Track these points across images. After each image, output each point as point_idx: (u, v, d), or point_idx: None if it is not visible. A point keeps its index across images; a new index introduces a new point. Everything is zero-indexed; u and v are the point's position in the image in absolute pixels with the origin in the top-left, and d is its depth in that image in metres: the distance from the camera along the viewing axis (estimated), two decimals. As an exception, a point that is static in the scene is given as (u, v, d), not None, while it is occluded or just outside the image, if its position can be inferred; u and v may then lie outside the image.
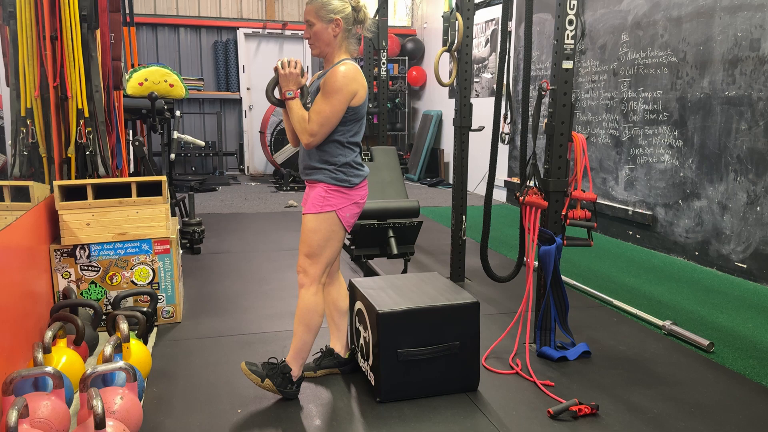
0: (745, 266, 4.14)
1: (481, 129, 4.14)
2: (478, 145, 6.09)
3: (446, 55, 5.86)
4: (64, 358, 2.30)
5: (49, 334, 2.22)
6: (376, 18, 4.85)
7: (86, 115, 3.23)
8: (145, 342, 2.72)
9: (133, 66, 5.14)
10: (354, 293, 2.64)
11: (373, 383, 2.43)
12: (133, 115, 4.68)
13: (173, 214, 4.34)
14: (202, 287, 3.83)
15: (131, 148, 4.83)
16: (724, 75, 4.27)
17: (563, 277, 3.23)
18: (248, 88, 9.49)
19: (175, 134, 5.16)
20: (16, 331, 2.29)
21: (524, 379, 2.60)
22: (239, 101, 9.48)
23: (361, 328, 2.55)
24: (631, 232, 5.27)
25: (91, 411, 1.78)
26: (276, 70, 2.25)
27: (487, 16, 7.85)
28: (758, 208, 4.03)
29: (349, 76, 2.21)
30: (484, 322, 3.00)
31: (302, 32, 9.41)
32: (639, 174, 5.15)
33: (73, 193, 2.99)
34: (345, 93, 2.21)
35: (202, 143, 5.93)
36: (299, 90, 2.27)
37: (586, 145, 2.82)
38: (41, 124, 3.16)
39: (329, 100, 2.20)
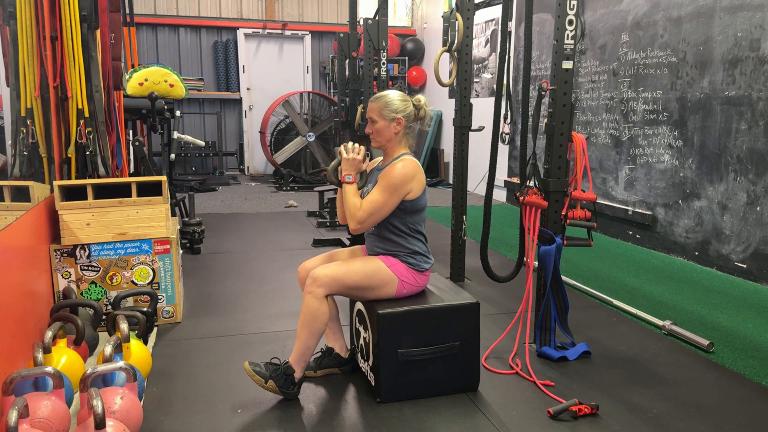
0: (745, 266, 4.14)
1: (481, 129, 4.14)
2: (478, 145, 6.09)
3: (446, 55, 5.85)
4: (64, 358, 2.30)
5: (49, 334, 2.22)
6: (384, 23, 4.86)
7: (86, 115, 3.23)
8: (145, 342, 2.72)
9: (133, 66, 5.14)
10: (354, 293, 2.64)
11: (373, 383, 2.43)
12: (133, 115, 4.68)
13: (173, 214, 4.34)
14: (202, 287, 3.83)
15: (131, 148, 4.83)
16: (724, 75, 4.27)
17: (563, 277, 3.23)
18: (248, 88, 9.49)
19: (175, 134, 5.16)
20: (16, 331, 2.29)
21: (524, 379, 2.60)
22: (239, 101, 9.48)
23: (361, 329, 2.55)
24: (631, 232, 5.27)
25: (91, 411, 1.78)
26: (340, 153, 2.41)
27: (487, 16, 7.85)
28: (758, 208, 4.03)
29: (407, 174, 2.34)
30: (484, 322, 3.00)
31: (302, 32, 9.49)
32: (639, 174, 5.15)
33: (73, 193, 2.99)
34: (400, 190, 2.34)
35: (202, 143, 5.93)
36: (358, 175, 2.42)
37: (586, 145, 2.82)
38: (41, 124, 3.16)
39: (384, 193, 2.33)
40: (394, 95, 2.43)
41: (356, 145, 2.42)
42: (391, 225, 2.41)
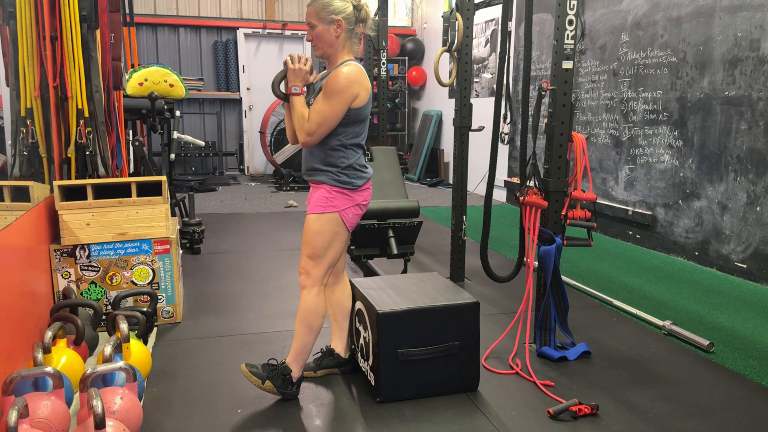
0: (745, 266, 4.14)
1: (481, 129, 4.14)
2: (478, 145, 6.09)
3: (446, 55, 5.85)
4: (64, 358, 2.30)
5: (49, 334, 2.22)
6: (377, 17, 4.85)
7: (86, 115, 3.23)
8: (145, 342, 2.72)
9: (133, 66, 5.14)
10: (354, 293, 2.64)
11: (373, 383, 2.43)
12: (133, 115, 4.68)
13: (173, 214, 4.34)
14: (202, 287, 3.83)
15: (131, 148, 4.83)
16: (724, 75, 4.27)
17: (563, 277, 3.23)
18: (248, 88, 9.49)
19: (175, 134, 5.16)
20: (16, 331, 2.29)
21: (524, 379, 2.59)
22: (239, 101, 9.48)
23: (361, 328, 2.55)
24: (631, 232, 5.27)
25: (91, 411, 1.78)
26: (285, 63, 2.24)
27: (487, 16, 7.85)
28: (758, 208, 4.03)
29: (351, 77, 2.20)
30: (484, 322, 3.00)
31: (302, 32, 9.48)
32: (639, 174, 5.15)
33: (73, 193, 2.99)
34: (346, 95, 2.19)
35: (202, 143, 5.93)
36: (305, 87, 2.26)
37: (586, 145, 2.82)
38: (41, 124, 3.16)
39: (330, 100, 2.19)
40: None
41: (302, 54, 2.26)
42: (330, 137, 2.26)
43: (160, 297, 3.13)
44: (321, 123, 2.20)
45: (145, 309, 2.83)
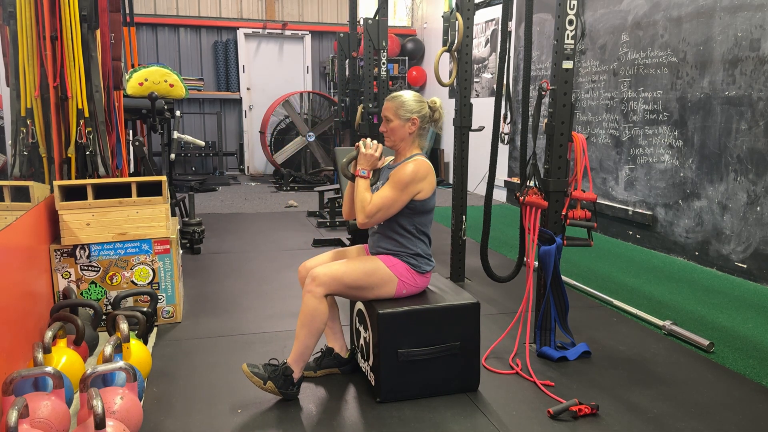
0: (745, 266, 4.14)
1: (481, 129, 4.14)
2: (478, 145, 6.09)
3: (446, 55, 5.85)
4: (64, 358, 2.30)
5: (49, 334, 2.22)
6: (385, 23, 4.85)
7: (86, 115, 3.23)
8: (145, 342, 2.72)
9: (133, 66, 5.14)
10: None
11: (373, 383, 2.43)
12: (133, 115, 4.68)
13: (173, 214, 4.34)
14: (202, 287, 3.83)
15: (131, 148, 4.83)
16: (724, 75, 4.27)
17: (563, 277, 3.23)
18: (248, 88, 9.49)
19: (175, 134, 5.16)
20: (16, 331, 2.29)
21: (524, 379, 2.60)
22: (239, 101, 9.48)
23: (361, 328, 2.55)
24: (631, 232, 5.27)
25: (91, 411, 1.78)
26: (357, 147, 2.41)
27: (487, 16, 7.85)
28: (758, 208, 4.03)
29: (419, 174, 2.35)
30: (484, 322, 3.00)
31: (302, 32, 9.49)
32: (639, 174, 5.15)
33: (73, 193, 2.99)
34: (411, 189, 2.35)
35: (202, 143, 5.93)
36: (372, 171, 2.42)
37: (586, 145, 2.82)
38: (41, 124, 3.16)
39: (394, 190, 2.33)
40: (409, 95, 2.44)
41: (374, 141, 2.43)
42: (398, 224, 2.41)
43: (160, 297, 3.13)
44: (381, 208, 2.34)
45: (145, 309, 2.83)
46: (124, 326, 2.39)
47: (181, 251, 3.99)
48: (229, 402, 2.37)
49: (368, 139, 2.43)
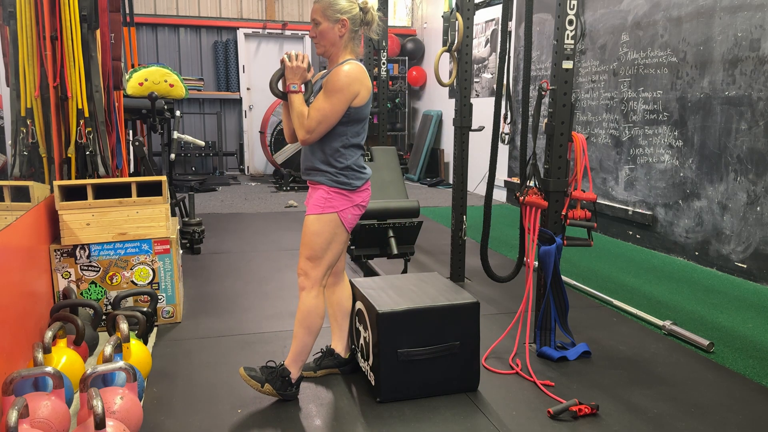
0: (745, 266, 4.14)
1: (481, 129, 4.14)
2: (478, 145, 6.09)
3: (446, 55, 5.86)
4: (64, 358, 2.30)
5: (49, 334, 2.22)
6: (383, 20, 4.85)
7: (86, 115, 3.23)
8: (145, 342, 2.72)
9: (133, 66, 5.14)
10: (354, 293, 2.64)
11: (373, 383, 2.43)
12: (133, 115, 4.68)
13: (173, 214, 4.34)
14: (202, 287, 3.83)
15: (131, 148, 4.83)
16: (724, 75, 4.27)
17: (563, 277, 3.23)
18: (248, 88, 9.49)
19: (175, 134, 5.16)
20: (16, 331, 2.29)
21: (524, 379, 2.59)
22: (239, 101, 9.48)
23: (361, 328, 2.55)
24: (631, 232, 5.27)
25: (91, 411, 1.78)
26: (282, 62, 2.24)
27: (487, 16, 7.85)
28: (758, 208, 4.03)
29: (352, 75, 2.19)
30: (484, 322, 3.00)
31: (302, 32, 9.49)
32: (639, 174, 5.15)
33: (73, 193, 2.99)
34: (347, 93, 2.19)
35: (202, 143, 5.93)
36: (303, 85, 2.25)
37: (586, 145, 2.82)
38: (41, 124, 3.15)
39: (330, 98, 2.18)
40: None
41: (300, 52, 2.27)
42: (327, 136, 2.26)
43: (160, 297, 3.13)
44: (321, 120, 2.19)
45: (145, 309, 2.83)
46: (124, 326, 2.39)
47: (181, 251, 3.99)
48: (229, 402, 2.37)
49: (292, 51, 2.27)
